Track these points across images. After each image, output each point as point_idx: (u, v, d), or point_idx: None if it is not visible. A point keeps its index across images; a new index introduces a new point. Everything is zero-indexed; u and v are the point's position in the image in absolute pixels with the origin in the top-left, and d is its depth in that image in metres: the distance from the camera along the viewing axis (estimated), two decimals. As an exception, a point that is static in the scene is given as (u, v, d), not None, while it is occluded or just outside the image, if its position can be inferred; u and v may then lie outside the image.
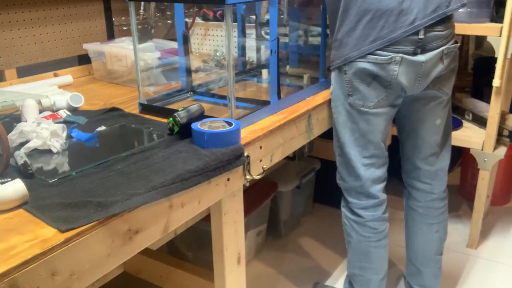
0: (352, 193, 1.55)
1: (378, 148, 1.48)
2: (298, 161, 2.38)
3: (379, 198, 1.53)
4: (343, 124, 1.48)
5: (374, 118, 1.43)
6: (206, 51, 2.12)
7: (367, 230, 1.55)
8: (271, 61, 1.35)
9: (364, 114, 1.43)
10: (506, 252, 2.18)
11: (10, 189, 0.86)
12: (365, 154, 1.48)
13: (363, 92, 1.40)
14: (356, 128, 1.46)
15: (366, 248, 1.58)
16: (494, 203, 2.53)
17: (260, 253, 2.20)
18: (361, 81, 1.39)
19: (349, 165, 1.51)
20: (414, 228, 1.70)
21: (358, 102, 1.42)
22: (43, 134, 1.10)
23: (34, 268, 0.73)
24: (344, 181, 1.56)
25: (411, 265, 1.76)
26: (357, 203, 1.54)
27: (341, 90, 1.45)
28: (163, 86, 1.64)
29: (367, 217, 1.54)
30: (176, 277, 1.59)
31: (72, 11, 1.84)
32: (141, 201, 0.90)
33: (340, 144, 1.51)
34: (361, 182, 1.50)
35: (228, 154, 1.10)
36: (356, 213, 1.55)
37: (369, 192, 1.51)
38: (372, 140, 1.46)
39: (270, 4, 1.33)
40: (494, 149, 2.02)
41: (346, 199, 1.58)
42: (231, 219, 1.25)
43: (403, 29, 1.31)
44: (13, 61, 1.69)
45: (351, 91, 1.42)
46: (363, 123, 1.44)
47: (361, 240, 1.57)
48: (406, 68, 1.35)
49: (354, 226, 1.57)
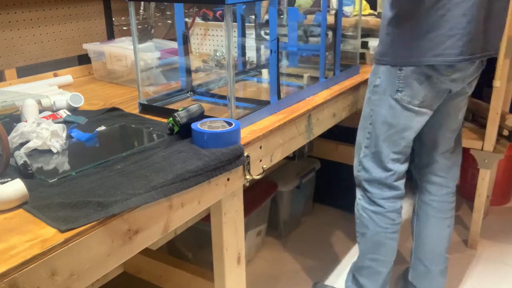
0: (375, 184, 1.57)
1: (408, 146, 1.53)
2: (298, 161, 2.38)
3: (401, 190, 1.58)
4: (382, 118, 1.49)
5: (416, 116, 1.47)
6: (206, 51, 2.12)
7: (386, 220, 1.58)
8: (271, 61, 1.35)
9: (408, 111, 1.45)
10: (506, 252, 2.18)
11: (10, 189, 0.86)
12: (395, 149, 1.52)
13: (415, 89, 1.42)
14: (394, 124, 1.48)
15: (382, 240, 1.61)
16: (494, 203, 2.53)
17: (260, 253, 2.20)
18: (416, 79, 1.41)
19: (378, 158, 1.54)
20: (428, 223, 1.72)
21: (405, 99, 1.44)
22: (43, 134, 1.10)
23: (34, 268, 0.73)
24: (368, 172, 1.57)
25: (420, 264, 1.76)
26: (379, 193, 1.57)
27: (389, 85, 1.45)
28: (163, 86, 1.63)
29: (388, 208, 1.57)
30: (176, 277, 1.59)
31: (72, 11, 1.84)
32: (141, 201, 0.90)
33: (372, 136, 1.54)
34: (387, 174, 1.54)
35: (228, 154, 1.10)
36: (377, 203, 1.57)
37: (393, 184, 1.55)
38: (406, 138, 1.50)
39: (270, 4, 1.33)
40: (494, 149, 2.02)
41: (366, 189, 1.59)
42: (231, 219, 1.25)
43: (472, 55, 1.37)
44: (13, 61, 1.69)
45: (402, 87, 1.43)
46: (404, 119, 1.47)
47: (378, 231, 1.59)
48: (461, 73, 1.41)
49: (373, 216, 1.59)
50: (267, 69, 1.71)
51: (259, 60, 1.83)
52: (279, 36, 1.38)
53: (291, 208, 2.31)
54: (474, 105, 2.22)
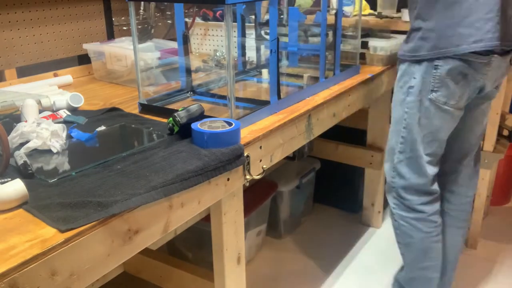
0: (411, 191, 1.51)
1: (441, 146, 1.49)
2: (298, 161, 2.38)
3: (437, 192, 1.54)
4: (417, 120, 1.44)
5: (451, 116, 1.42)
6: (206, 51, 2.12)
7: (429, 224, 1.53)
8: (271, 61, 1.35)
9: (443, 112, 1.41)
10: (506, 252, 2.18)
11: (10, 189, 0.86)
12: (428, 151, 1.47)
13: (451, 89, 1.37)
14: (428, 125, 1.43)
15: (429, 245, 1.55)
16: (494, 203, 2.53)
17: (260, 253, 2.20)
18: (452, 79, 1.36)
19: (416, 163, 1.48)
20: (443, 233, 1.65)
21: (441, 99, 1.39)
22: (43, 134, 1.10)
23: (34, 268, 0.73)
24: (404, 178, 1.51)
25: None
26: (417, 199, 1.51)
27: (424, 85, 1.40)
28: (163, 86, 1.64)
29: (429, 211, 1.52)
30: (176, 277, 1.59)
31: (72, 11, 1.84)
32: (141, 201, 0.90)
33: (407, 141, 1.48)
34: (425, 179, 1.49)
35: (228, 154, 1.10)
36: (416, 209, 1.52)
37: (430, 189, 1.51)
38: (440, 138, 1.46)
39: (270, 4, 1.33)
40: (494, 149, 2.02)
41: (402, 197, 1.53)
42: (231, 219, 1.25)
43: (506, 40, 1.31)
44: (13, 61, 1.69)
45: (437, 87, 1.38)
46: (438, 120, 1.42)
47: (424, 237, 1.53)
48: (495, 70, 1.37)
49: (415, 224, 1.53)
50: (267, 69, 1.71)
51: (259, 60, 1.83)
52: (279, 36, 1.38)
53: (291, 208, 2.31)
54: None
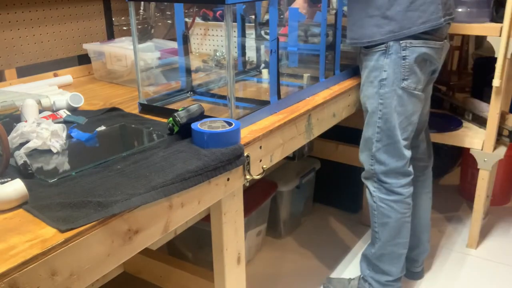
0: (392, 174, 1.63)
1: (414, 129, 1.62)
2: (298, 161, 2.38)
3: (412, 174, 1.66)
4: (394, 109, 1.55)
5: (419, 100, 1.57)
6: (206, 51, 2.12)
7: (405, 206, 1.66)
8: (271, 61, 1.35)
9: (414, 97, 1.55)
10: (506, 252, 2.18)
11: (10, 189, 0.86)
12: (404, 135, 1.59)
13: (419, 75, 1.53)
14: (403, 111, 1.56)
15: (403, 224, 1.68)
16: (494, 203, 2.53)
17: (260, 253, 2.20)
18: (418, 65, 1.51)
19: (394, 148, 1.60)
20: (418, 200, 1.84)
21: (412, 85, 1.53)
22: (43, 134, 1.10)
23: (34, 268, 0.73)
24: (384, 164, 1.62)
25: (412, 236, 1.82)
26: (396, 182, 1.63)
27: (395, 75, 1.52)
28: (163, 86, 1.64)
29: (406, 194, 1.65)
30: (176, 277, 1.59)
31: (72, 11, 1.84)
32: (141, 201, 0.90)
33: (385, 129, 1.58)
34: (403, 161, 1.61)
35: (228, 154, 1.10)
36: (395, 192, 1.64)
37: (407, 170, 1.63)
38: (413, 122, 1.59)
39: (270, 4, 1.33)
40: (494, 149, 2.02)
41: (383, 181, 1.65)
42: (231, 219, 1.25)
43: (447, 17, 1.51)
44: (13, 61, 1.69)
45: (407, 75, 1.51)
46: (411, 105, 1.55)
47: (400, 217, 1.67)
48: (445, 52, 1.59)
49: (393, 205, 1.65)
50: (267, 69, 1.71)
51: (259, 60, 1.83)
52: (279, 36, 1.38)
53: (291, 208, 2.31)
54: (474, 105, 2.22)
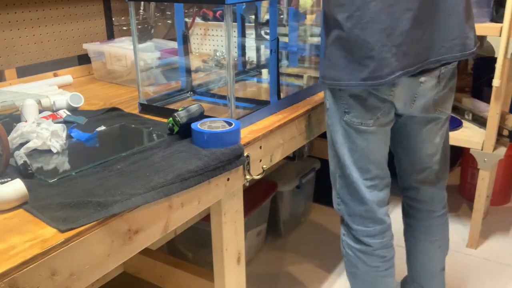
0: (357, 219, 1.39)
1: (380, 168, 1.35)
2: (298, 161, 2.38)
3: (386, 222, 1.39)
4: (342, 144, 1.33)
5: (373, 136, 1.30)
6: (206, 51, 2.12)
7: (376, 259, 1.40)
8: (271, 61, 1.35)
9: (362, 132, 1.29)
10: (506, 252, 2.18)
11: (10, 189, 0.86)
12: (366, 176, 1.33)
13: (360, 110, 1.26)
14: (355, 148, 1.31)
15: (375, 279, 1.43)
16: (494, 203, 2.53)
17: (260, 253, 2.20)
18: (355, 100, 1.25)
19: (352, 188, 1.36)
20: (417, 247, 1.59)
21: (355, 120, 1.27)
22: (43, 134, 1.10)
23: (34, 268, 0.73)
24: (347, 206, 1.40)
25: (415, 283, 1.65)
26: (363, 230, 1.38)
27: (336, 107, 1.30)
28: (163, 86, 1.64)
29: (375, 245, 1.39)
30: (176, 277, 1.59)
31: (72, 11, 1.84)
32: (141, 201, 0.90)
33: (340, 166, 1.36)
34: (366, 206, 1.35)
35: (228, 154, 1.10)
36: (362, 241, 1.39)
37: (375, 217, 1.37)
38: (374, 161, 1.33)
39: (270, 4, 1.33)
40: (494, 149, 2.02)
41: (350, 226, 1.42)
42: (231, 219, 1.25)
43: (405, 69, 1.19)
44: (13, 61, 1.69)
45: (348, 108, 1.27)
46: (362, 142, 1.30)
47: (369, 270, 1.41)
48: (403, 89, 1.24)
49: (361, 256, 1.41)
50: (267, 69, 1.71)
51: (259, 60, 1.83)
52: (279, 36, 1.38)
53: (291, 208, 2.31)
54: (474, 105, 2.22)
